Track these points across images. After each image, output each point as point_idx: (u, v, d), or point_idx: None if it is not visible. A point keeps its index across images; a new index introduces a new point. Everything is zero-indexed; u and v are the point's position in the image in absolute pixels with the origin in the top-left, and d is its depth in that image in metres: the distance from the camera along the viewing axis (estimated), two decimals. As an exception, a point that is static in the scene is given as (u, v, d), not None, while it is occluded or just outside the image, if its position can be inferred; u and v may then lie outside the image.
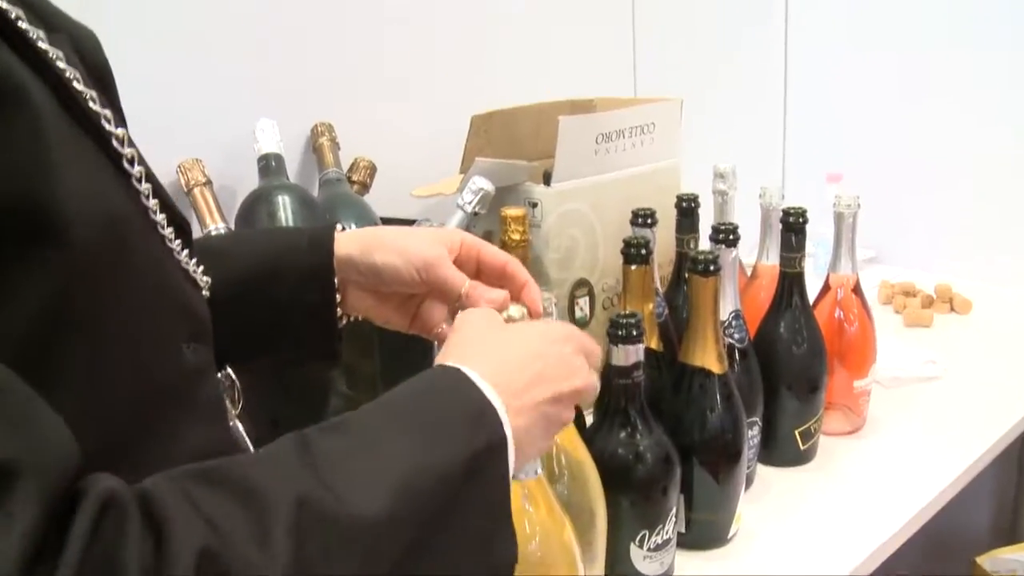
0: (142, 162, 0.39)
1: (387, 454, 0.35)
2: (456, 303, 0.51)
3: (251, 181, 0.84)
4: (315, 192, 0.89)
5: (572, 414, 0.44)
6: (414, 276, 0.51)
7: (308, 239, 0.54)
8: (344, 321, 0.55)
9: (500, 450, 0.37)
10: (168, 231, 0.41)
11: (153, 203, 0.40)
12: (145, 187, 0.39)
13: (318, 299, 0.53)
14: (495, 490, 0.37)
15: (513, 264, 0.52)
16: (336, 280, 0.53)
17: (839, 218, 0.83)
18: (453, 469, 0.35)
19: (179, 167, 0.80)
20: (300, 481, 0.32)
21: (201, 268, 0.45)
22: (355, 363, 0.79)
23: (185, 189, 0.80)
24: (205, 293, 0.46)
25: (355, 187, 0.91)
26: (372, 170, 0.93)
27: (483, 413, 0.38)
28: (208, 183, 0.81)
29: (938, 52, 1.27)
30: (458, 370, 0.39)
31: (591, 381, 0.45)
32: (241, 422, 0.50)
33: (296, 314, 0.53)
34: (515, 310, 0.48)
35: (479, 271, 0.53)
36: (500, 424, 0.38)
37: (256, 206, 0.80)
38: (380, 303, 0.55)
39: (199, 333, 0.42)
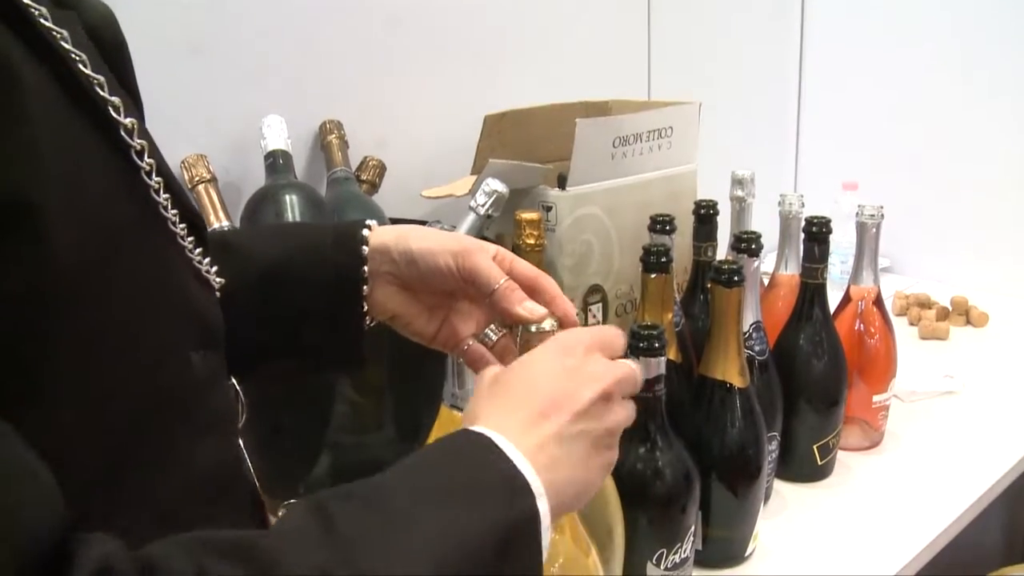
0: (154, 154, 0.36)
1: (416, 531, 0.33)
2: (490, 297, 0.48)
3: (257, 179, 0.82)
4: (323, 191, 0.87)
5: (615, 452, 0.42)
6: (449, 263, 0.49)
7: (334, 235, 0.51)
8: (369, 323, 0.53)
9: (533, 525, 0.36)
10: (180, 228, 0.39)
11: (164, 198, 0.37)
12: (156, 181, 0.37)
13: (344, 300, 0.51)
14: (529, 567, 0.36)
15: (545, 279, 0.50)
16: (365, 273, 0.50)
17: (862, 228, 0.82)
18: (484, 547, 0.34)
19: (183, 163, 0.78)
20: (326, 563, 0.31)
21: (215, 268, 0.42)
22: (366, 366, 0.77)
23: (189, 185, 0.78)
24: (217, 294, 0.44)
25: (364, 187, 0.90)
26: (381, 169, 0.92)
27: (515, 486, 0.36)
28: (213, 180, 0.79)
29: (956, 58, 1.26)
30: (488, 438, 0.38)
31: (627, 414, 0.43)
32: (240, 433, 0.48)
33: (320, 316, 0.51)
34: (547, 323, 0.46)
35: None
36: (532, 497, 0.36)
37: (262, 205, 0.78)
38: (409, 301, 0.52)
39: (210, 340, 0.40)
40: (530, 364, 0.42)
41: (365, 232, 0.51)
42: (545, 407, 0.39)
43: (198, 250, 0.41)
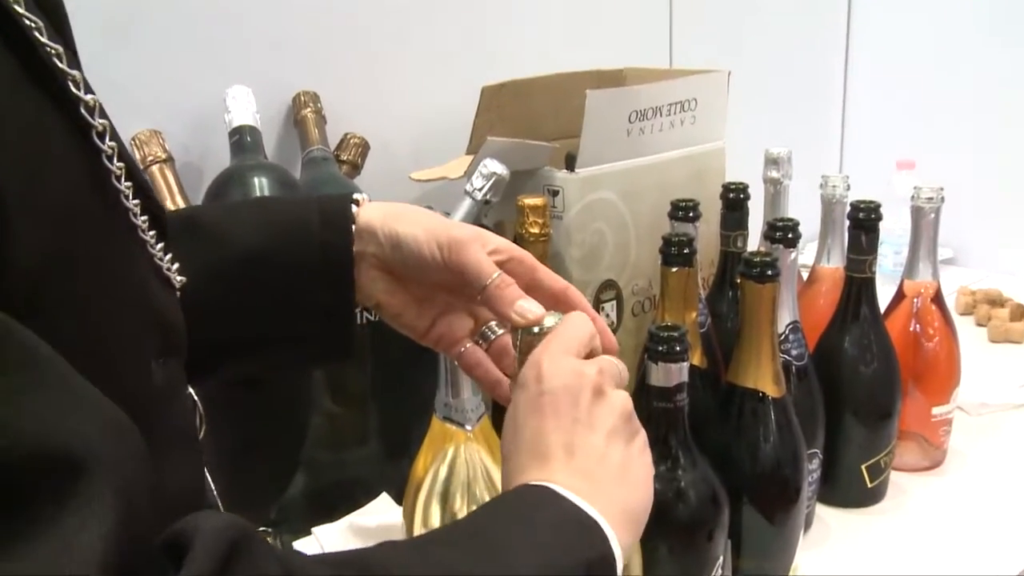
0: (115, 137, 0.37)
1: (515, 562, 0.37)
2: (481, 295, 0.48)
3: (221, 159, 0.83)
4: (297, 173, 0.87)
5: (641, 429, 0.46)
6: (436, 253, 0.49)
7: (320, 211, 0.52)
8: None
9: (609, 560, 0.40)
10: (142, 220, 0.39)
11: (126, 186, 0.37)
12: (117, 167, 0.37)
13: (332, 285, 0.51)
14: None
15: (575, 293, 0.51)
16: (354, 255, 0.51)
17: (918, 213, 0.81)
18: None
19: (133, 140, 0.79)
20: None
21: (176, 266, 0.43)
22: (343, 375, 0.78)
23: (141, 167, 0.79)
24: (178, 294, 0.44)
25: (344, 168, 0.91)
26: (364, 148, 0.92)
27: (586, 524, 0.40)
28: (169, 160, 0.80)
29: (1026, 19, 1.25)
30: (544, 487, 0.41)
31: (625, 395, 0.46)
32: (202, 449, 0.48)
33: (306, 304, 0.51)
34: (550, 319, 0.47)
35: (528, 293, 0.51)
36: (603, 531, 0.40)
37: (227, 189, 0.79)
38: (394, 290, 0.53)
39: (171, 346, 0.40)
40: (513, 417, 0.45)
41: (354, 208, 0.51)
42: (563, 440, 0.43)
43: (159, 245, 0.41)
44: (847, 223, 0.79)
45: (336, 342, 0.53)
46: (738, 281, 0.67)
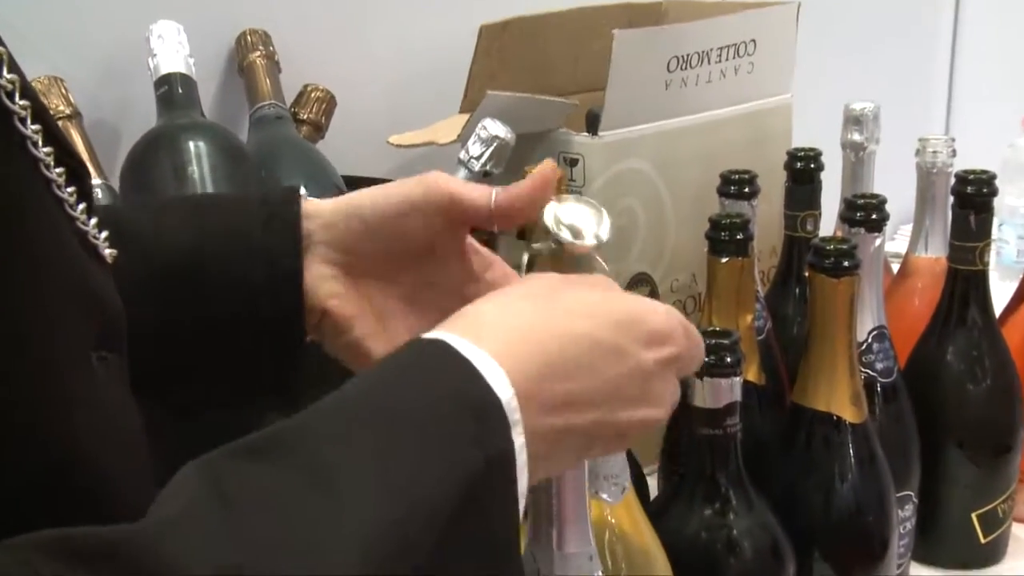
0: (27, 93, 0.38)
1: (347, 501, 0.36)
2: (492, 210, 0.51)
3: (144, 116, 0.83)
4: (243, 135, 0.88)
5: (625, 445, 0.46)
6: (409, 197, 0.52)
7: (264, 213, 0.53)
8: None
9: (504, 468, 0.39)
10: (68, 193, 0.40)
11: (45, 152, 0.39)
12: (33, 130, 0.38)
13: (277, 303, 0.53)
14: (500, 525, 0.39)
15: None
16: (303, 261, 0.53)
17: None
18: (441, 505, 0.37)
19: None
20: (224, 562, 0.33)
21: (104, 234, 0.44)
22: (305, 392, 0.78)
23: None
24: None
25: (304, 129, 0.91)
26: (329, 104, 0.93)
27: (485, 415, 0.39)
28: (75, 116, 0.80)
29: None
30: (454, 350, 0.40)
31: (667, 409, 0.46)
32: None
33: (244, 328, 0.53)
34: (564, 232, 0.49)
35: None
36: (507, 425, 0.39)
37: (153, 154, 0.79)
38: (348, 292, 0.54)
39: (111, 336, 0.41)
40: (588, 304, 0.45)
41: (300, 204, 0.54)
42: (575, 389, 0.42)
43: (92, 221, 0.42)
44: (951, 200, 0.79)
45: (282, 372, 0.55)
46: (807, 275, 0.67)
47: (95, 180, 0.79)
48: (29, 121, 0.38)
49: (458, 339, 0.41)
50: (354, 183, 0.86)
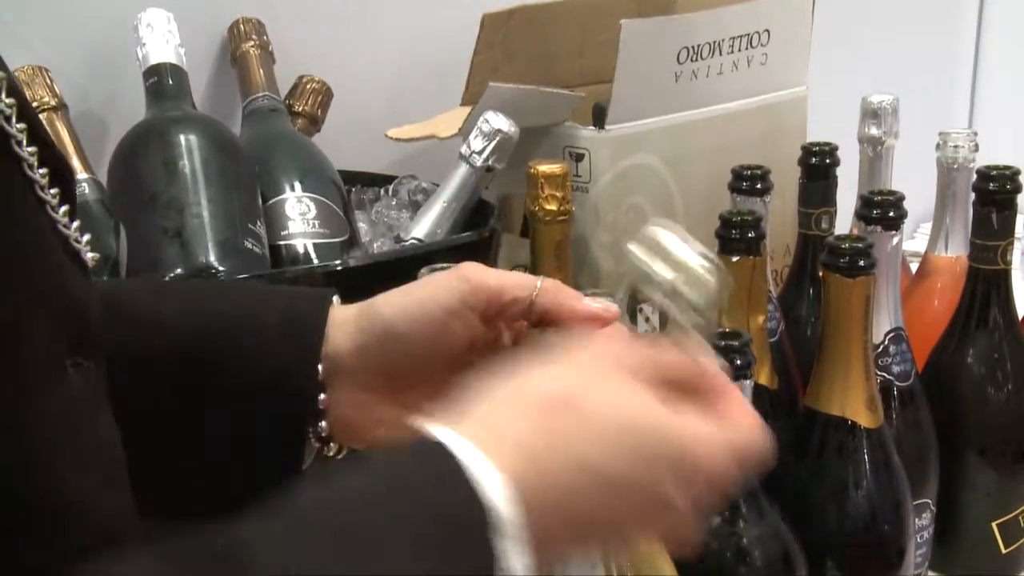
0: (14, 91, 0.38)
1: None
2: (530, 314, 0.51)
3: (133, 108, 0.82)
4: (236, 128, 0.88)
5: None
6: (449, 302, 0.51)
7: (283, 313, 0.54)
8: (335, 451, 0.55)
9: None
10: (51, 195, 0.41)
11: (29, 152, 0.39)
12: (18, 128, 0.38)
13: (289, 420, 0.53)
14: None
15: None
16: (320, 380, 0.53)
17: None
18: None
19: (11, 81, 0.79)
20: None
21: (86, 237, 0.44)
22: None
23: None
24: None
25: (299, 122, 0.91)
26: (325, 96, 0.93)
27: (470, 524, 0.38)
28: (61, 107, 0.79)
29: None
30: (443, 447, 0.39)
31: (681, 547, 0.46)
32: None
33: (243, 446, 0.53)
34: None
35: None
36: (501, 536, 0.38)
37: (143, 149, 0.78)
38: (391, 393, 0.54)
39: (89, 344, 0.42)
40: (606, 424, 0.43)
41: (327, 309, 0.54)
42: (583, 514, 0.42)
43: (74, 224, 0.43)
44: (972, 197, 0.78)
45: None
46: (821, 275, 0.68)
47: (81, 175, 0.80)
48: (14, 119, 0.38)
49: (469, 450, 0.39)
50: (352, 178, 0.88)
